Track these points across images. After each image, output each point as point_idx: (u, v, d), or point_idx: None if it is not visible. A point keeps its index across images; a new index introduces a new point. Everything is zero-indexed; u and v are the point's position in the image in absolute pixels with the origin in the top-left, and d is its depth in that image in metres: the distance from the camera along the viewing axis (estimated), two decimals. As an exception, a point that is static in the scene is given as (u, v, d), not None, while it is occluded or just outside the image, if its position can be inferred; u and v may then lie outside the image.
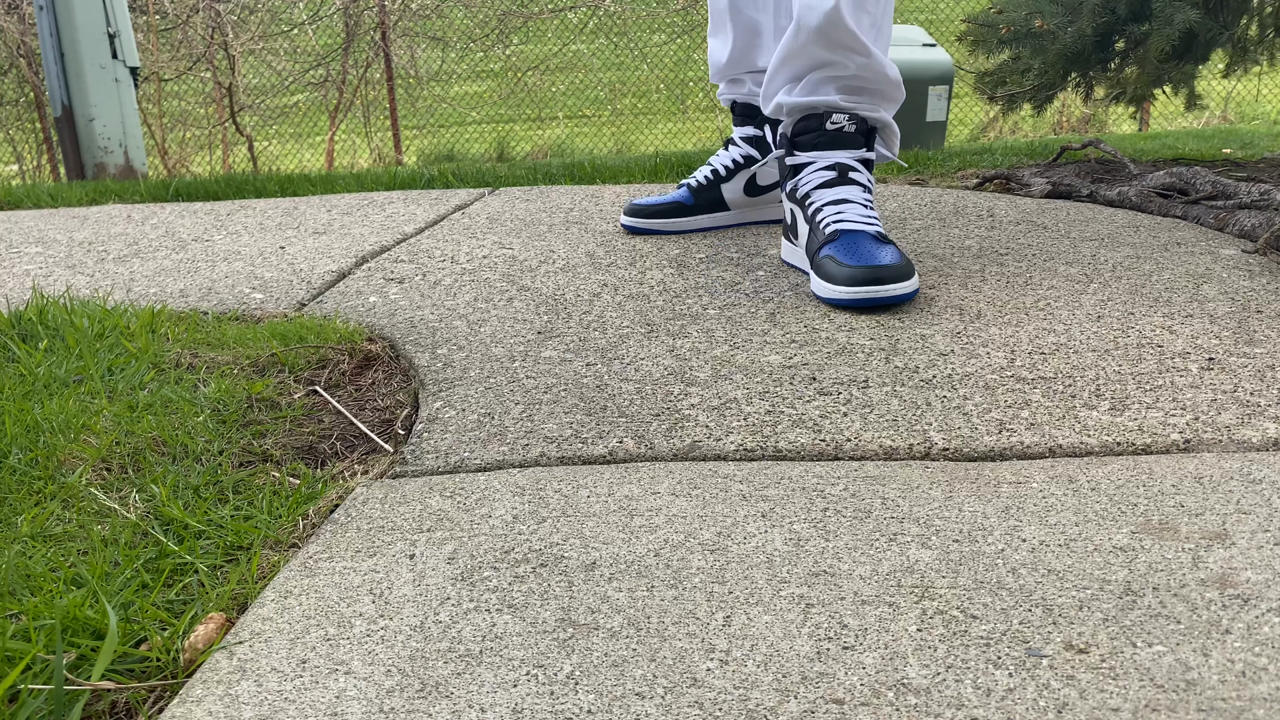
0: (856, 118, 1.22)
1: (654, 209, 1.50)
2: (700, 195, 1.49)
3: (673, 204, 1.50)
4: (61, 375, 0.99)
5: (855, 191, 1.20)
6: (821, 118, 1.21)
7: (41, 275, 1.51)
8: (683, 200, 1.49)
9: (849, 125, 1.21)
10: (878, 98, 1.23)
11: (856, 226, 1.15)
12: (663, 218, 1.50)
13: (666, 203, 1.51)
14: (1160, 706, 0.47)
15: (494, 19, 7.47)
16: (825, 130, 1.22)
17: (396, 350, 1.09)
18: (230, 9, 6.81)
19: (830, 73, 1.20)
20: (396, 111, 6.66)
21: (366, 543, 0.67)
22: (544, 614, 0.57)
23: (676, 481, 0.74)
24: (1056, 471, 0.74)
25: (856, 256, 1.10)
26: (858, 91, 1.22)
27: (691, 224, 1.50)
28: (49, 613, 0.58)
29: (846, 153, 1.22)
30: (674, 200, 1.50)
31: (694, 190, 1.50)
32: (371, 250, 1.55)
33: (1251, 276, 1.18)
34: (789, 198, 1.26)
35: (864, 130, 1.22)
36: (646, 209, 1.51)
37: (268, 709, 0.50)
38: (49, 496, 0.76)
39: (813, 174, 1.22)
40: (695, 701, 0.49)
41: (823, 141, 1.22)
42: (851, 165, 1.21)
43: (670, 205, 1.50)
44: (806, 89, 1.22)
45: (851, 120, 1.21)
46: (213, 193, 2.39)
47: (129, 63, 4.13)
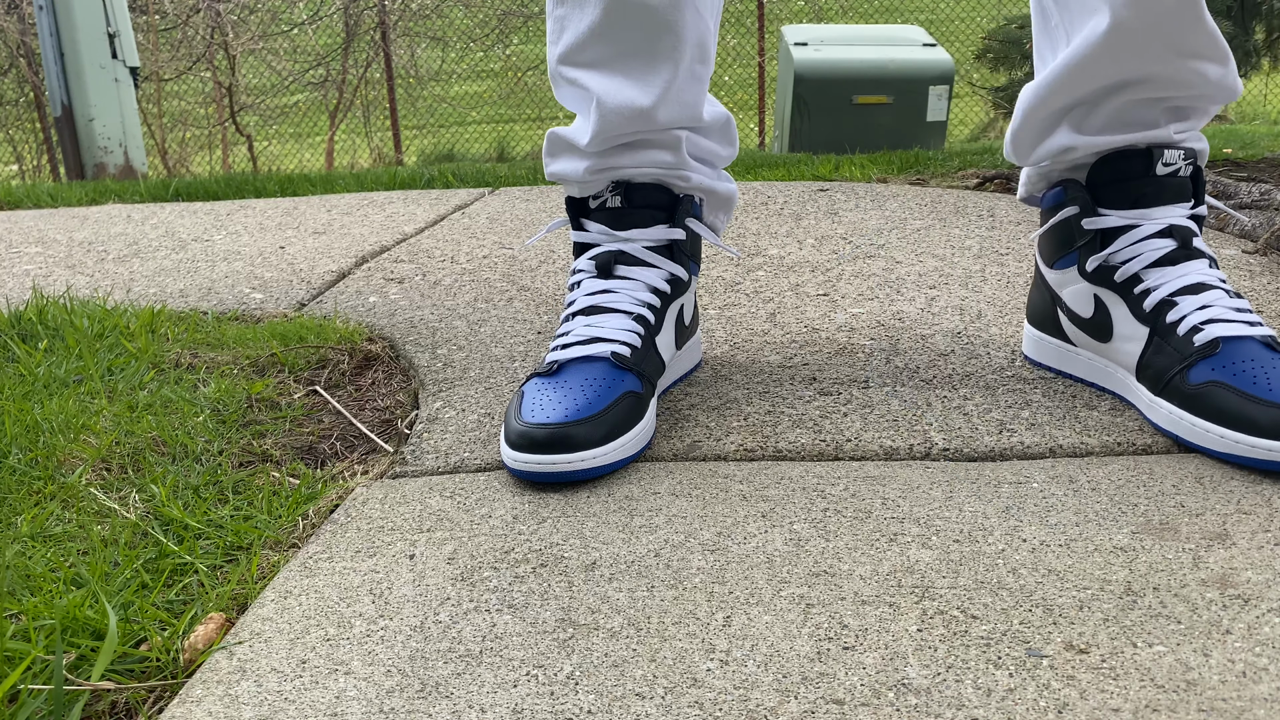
0: (1189, 155, 0.83)
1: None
2: (646, 371, 0.84)
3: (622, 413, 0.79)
4: (61, 375, 0.99)
5: (1205, 269, 0.81)
6: (1146, 158, 0.82)
7: (41, 275, 1.51)
8: (635, 392, 0.80)
9: (1184, 167, 0.83)
10: (1202, 117, 0.86)
11: (1239, 330, 0.76)
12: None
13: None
14: (1161, 706, 0.47)
15: (494, 19, 7.47)
16: (1152, 177, 0.82)
17: (396, 350, 1.09)
18: (230, 9, 6.81)
19: (1157, 93, 0.81)
20: (396, 111, 6.67)
21: (366, 543, 0.67)
22: (544, 614, 0.57)
23: (676, 481, 0.74)
24: (1057, 471, 0.74)
25: (1271, 386, 0.72)
26: (1186, 114, 0.84)
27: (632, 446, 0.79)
28: (49, 613, 0.58)
29: (1180, 209, 0.83)
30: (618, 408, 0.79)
31: (634, 367, 0.82)
32: (371, 250, 1.55)
33: (1252, 276, 1.18)
34: (1092, 278, 0.85)
35: (1196, 175, 0.84)
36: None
37: (268, 709, 0.50)
38: (49, 496, 0.76)
39: (1138, 244, 0.82)
40: (695, 701, 0.49)
41: (1148, 194, 0.82)
42: (1191, 229, 0.83)
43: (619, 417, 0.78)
44: (1114, 118, 0.83)
45: (1186, 159, 0.83)
46: (212, 193, 2.39)
47: (129, 62, 4.13)
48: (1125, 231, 0.83)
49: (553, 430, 0.74)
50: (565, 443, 0.73)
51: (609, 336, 0.83)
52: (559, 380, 0.79)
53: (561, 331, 0.86)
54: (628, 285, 0.87)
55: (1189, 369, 0.76)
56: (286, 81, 7.19)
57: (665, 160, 0.88)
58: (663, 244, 0.89)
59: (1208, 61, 0.79)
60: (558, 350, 0.83)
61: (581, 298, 0.87)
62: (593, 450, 0.74)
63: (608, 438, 0.75)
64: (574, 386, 0.78)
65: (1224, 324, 0.76)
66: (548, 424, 0.74)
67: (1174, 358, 0.78)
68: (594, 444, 0.74)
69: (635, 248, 0.88)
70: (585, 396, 0.77)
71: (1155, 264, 0.81)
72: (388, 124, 6.76)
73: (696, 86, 0.88)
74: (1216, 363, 0.75)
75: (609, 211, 0.88)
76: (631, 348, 0.83)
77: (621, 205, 0.88)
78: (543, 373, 0.81)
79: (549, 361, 0.82)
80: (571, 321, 0.86)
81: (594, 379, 0.79)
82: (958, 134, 5.96)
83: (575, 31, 0.86)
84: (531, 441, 0.74)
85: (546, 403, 0.77)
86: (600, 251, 0.88)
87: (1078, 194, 0.85)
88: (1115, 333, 0.84)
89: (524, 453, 0.74)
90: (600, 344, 0.82)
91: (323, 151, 7.03)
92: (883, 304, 1.14)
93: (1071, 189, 0.86)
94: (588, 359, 0.81)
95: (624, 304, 0.86)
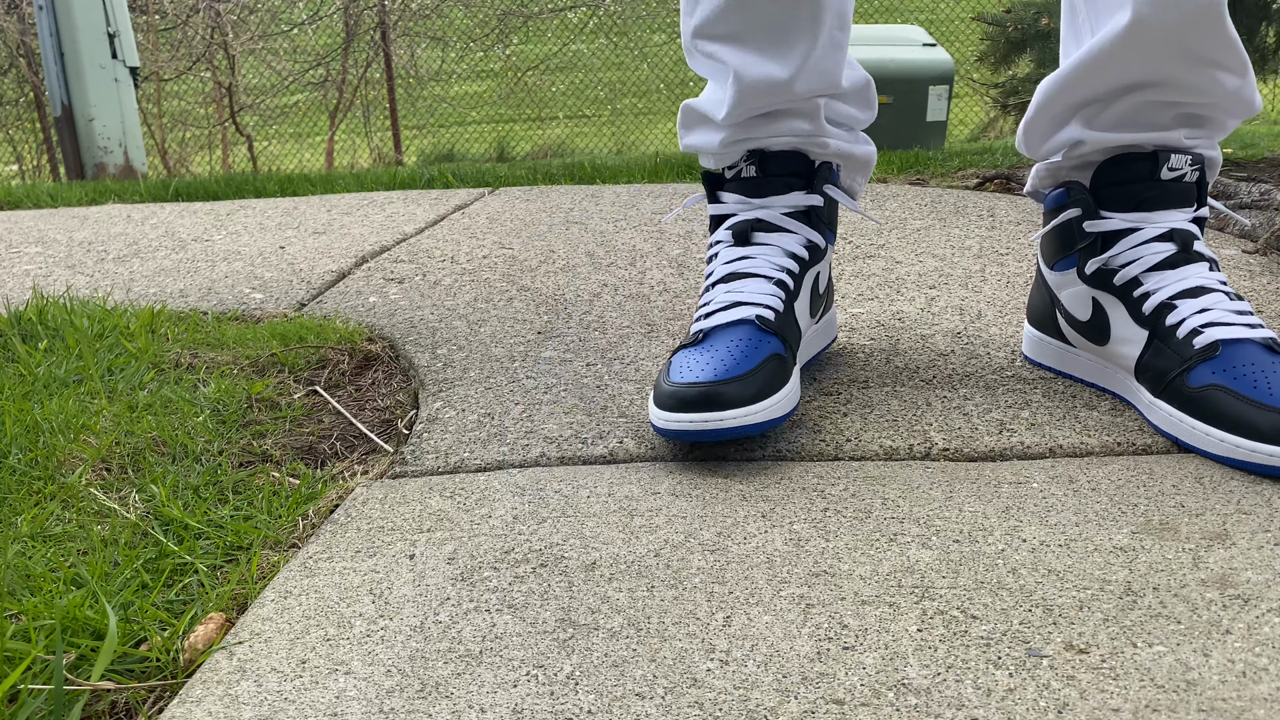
0: (1197, 160, 0.83)
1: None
2: (788, 336, 0.83)
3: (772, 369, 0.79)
4: (61, 375, 0.99)
5: (1205, 272, 0.81)
6: (1151, 161, 0.82)
7: (41, 275, 1.51)
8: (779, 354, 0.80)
9: (1190, 172, 0.83)
10: (1218, 129, 0.85)
11: (1239, 333, 0.76)
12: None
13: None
14: (1161, 707, 0.47)
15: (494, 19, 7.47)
16: (1157, 180, 0.82)
17: (396, 350, 1.09)
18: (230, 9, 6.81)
19: (1171, 96, 0.81)
20: (396, 111, 6.66)
21: (366, 543, 0.67)
22: (544, 614, 0.57)
23: (676, 482, 0.74)
24: (1057, 471, 0.74)
25: (1271, 389, 0.72)
26: (1200, 122, 0.84)
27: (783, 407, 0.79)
28: (49, 613, 0.58)
29: (1182, 213, 0.83)
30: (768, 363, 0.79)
31: (778, 331, 0.81)
32: (371, 250, 1.55)
33: (1252, 276, 1.18)
34: (1091, 281, 0.86)
35: (1201, 179, 0.84)
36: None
37: (267, 709, 0.50)
38: (49, 497, 0.76)
39: (1138, 248, 0.82)
40: (695, 702, 0.49)
41: (1151, 198, 0.82)
42: (1192, 232, 0.83)
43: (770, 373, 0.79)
44: (1125, 117, 0.83)
45: (1194, 164, 0.83)
46: (212, 193, 2.39)
47: (129, 62, 4.13)
48: (1126, 235, 0.83)
49: (704, 389, 0.74)
50: (717, 400, 0.73)
51: (751, 300, 0.83)
52: (705, 345, 0.79)
53: (703, 302, 0.85)
54: (766, 251, 0.86)
55: (1189, 372, 0.76)
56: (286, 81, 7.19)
57: (803, 129, 0.87)
58: (800, 210, 0.88)
59: (1225, 71, 0.79)
60: (701, 320, 0.83)
61: (719, 266, 0.87)
62: (745, 408, 0.74)
63: (758, 396, 0.75)
64: (720, 349, 0.78)
65: (1224, 327, 0.76)
66: (698, 383, 0.74)
67: (1174, 360, 0.77)
68: (745, 401, 0.74)
69: (772, 214, 0.87)
70: (733, 357, 0.77)
71: (1155, 268, 0.81)
72: (388, 124, 6.75)
73: (836, 54, 0.86)
74: (1216, 366, 0.75)
75: (745, 181, 0.88)
76: (775, 311, 0.83)
77: (757, 174, 0.87)
78: (689, 343, 0.80)
79: (695, 332, 0.82)
80: (711, 291, 0.85)
81: (740, 340, 0.79)
82: (958, 134, 5.96)
83: (710, 3, 0.84)
84: (682, 401, 0.73)
85: (694, 365, 0.77)
86: (738, 220, 0.88)
87: (1080, 196, 0.85)
88: (1113, 335, 0.84)
89: (674, 412, 0.74)
90: (743, 308, 0.82)
91: (323, 151, 7.03)
92: (883, 304, 1.14)
93: (1074, 190, 0.85)
94: (733, 324, 0.81)
95: (763, 269, 0.85)
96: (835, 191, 0.90)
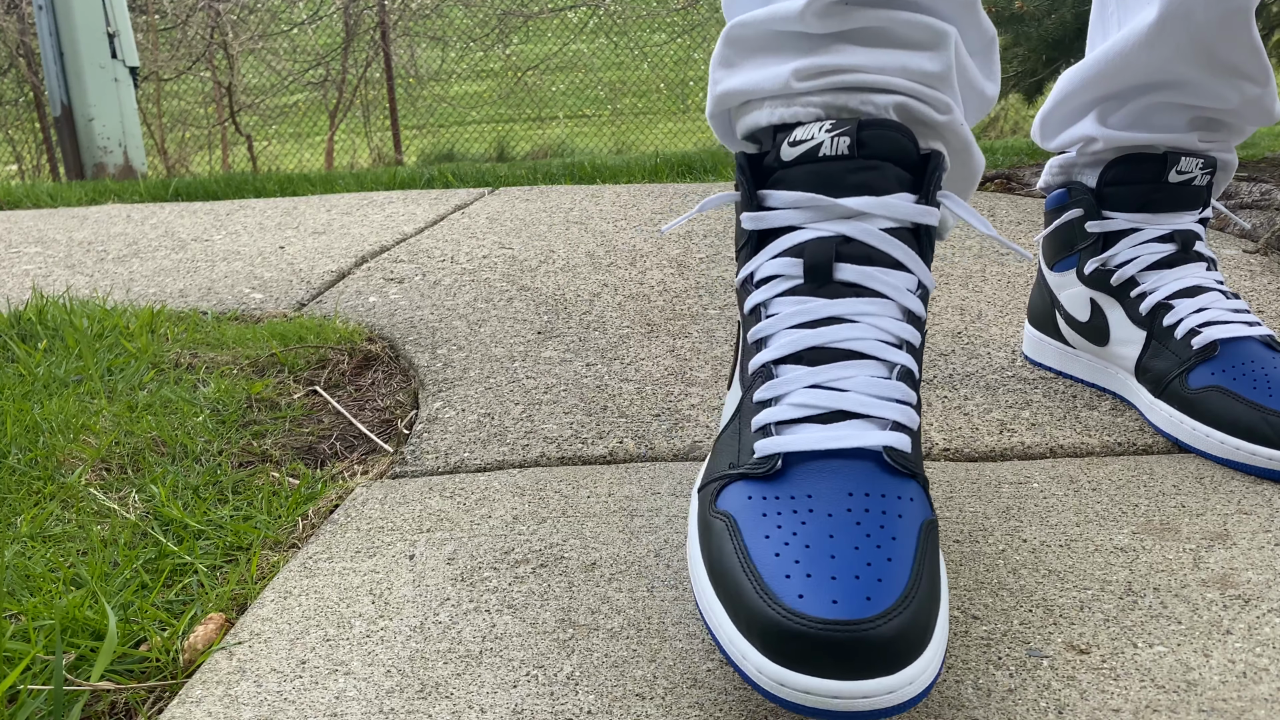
0: (1209, 163, 0.81)
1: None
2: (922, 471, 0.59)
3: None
4: (61, 375, 0.99)
5: (1202, 271, 0.80)
6: (1160, 163, 0.80)
7: (41, 275, 1.51)
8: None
9: (1200, 176, 0.80)
10: (1235, 134, 0.82)
11: (1237, 331, 0.75)
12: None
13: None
14: (1161, 707, 0.47)
15: (494, 18, 7.47)
16: (1164, 183, 0.80)
17: (396, 350, 1.09)
18: (230, 8, 6.81)
19: (1189, 100, 0.79)
20: (396, 111, 6.66)
21: (366, 543, 0.67)
22: (544, 614, 0.57)
23: (677, 482, 0.74)
24: (1057, 472, 0.74)
25: (1271, 389, 0.70)
26: (1216, 126, 0.82)
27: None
28: (48, 613, 0.58)
29: (1187, 215, 0.82)
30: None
31: (916, 468, 0.53)
32: (371, 250, 1.55)
33: (1253, 276, 1.18)
34: (1090, 282, 0.85)
35: (1209, 182, 0.82)
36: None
37: (267, 709, 0.50)
38: (48, 497, 0.75)
39: (1138, 247, 0.81)
40: (696, 702, 0.49)
41: (1157, 200, 0.81)
42: (1195, 233, 0.81)
43: None
44: (1140, 117, 0.81)
45: (1204, 168, 0.80)
46: (212, 192, 2.39)
47: (128, 62, 4.13)
48: (1126, 235, 0.82)
49: (856, 631, 0.40)
50: (882, 655, 0.40)
51: (863, 410, 0.49)
52: (801, 498, 0.46)
53: (767, 394, 0.50)
54: (868, 306, 0.51)
55: (1188, 372, 0.76)
56: (286, 81, 7.19)
57: (925, 68, 0.53)
58: (907, 229, 0.54)
59: (1246, 79, 0.77)
60: (766, 432, 0.49)
61: (786, 331, 0.51)
62: (923, 659, 0.42)
63: (927, 630, 0.43)
64: (845, 523, 0.44)
65: (1222, 325, 0.76)
66: (844, 623, 0.40)
67: (1173, 361, 0.77)
68: (921, 646, 0.42)
69: (870, 231, 0.52)
70: (876, 547, 0.44)
71: (1152, 267, 0.81)
72: (387, 124, 6.75)
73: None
74: (1216, 366, 0.74)
75: (823, 166, 0.52)
76: (910, 434, 0.50)
77: (849, 153, 0.51)
78: (756, 475, 0.48)
79: (761, 455, 0.49)
80: (780, 375, 0.51)
81: (870, 501, 0.45)
82: (957, 134, 5.95)
83: None
84: (819, 650, 0.40)
85: (816, 560, 0.43)
86: (812, 239, 0.52)
87: (1081, 196, 0.84)
88: (1112, 337, 0.84)
89: (803, 672, 0.40)
90: (854, 424, 0.48)
91: (322, 151, 7.03)
92: (883, 304, 1.14)
93: (1075, 191, 0.85)
94: (841, 456, 0.47)
95: (869, 341, 0.50)
96: (956, 202, 0.56)
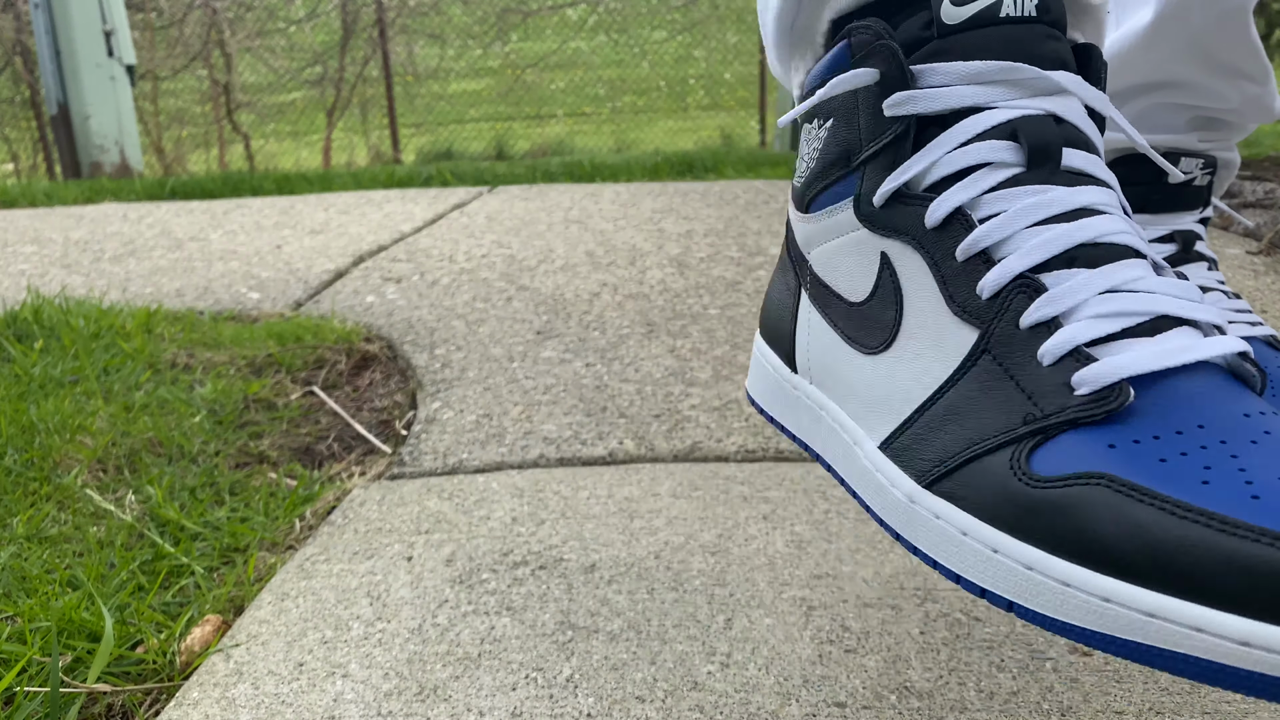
0: (1209, 163, 0.79)
1: None
2: None
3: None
4: (57, 375, 0.98)
5: (1204, 271, 0.79)
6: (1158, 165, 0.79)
7: (37, 275, 1.50)
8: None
9: (1200, 176, 0.79)
10: (1236, 131, 0.81)
11: (1239, 331, 0.73)
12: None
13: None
14: (1165, 710, 0.47)
15: (493, 16, 7.46)
16: (1163, 184, 0.80)
17: (394, 350, 1.08)
18: (227, 6, 6.80)
19: (1188, 100, 0.77)
20: (394, 109, 6.65)
21: (364, 544, 0.67)
22: (543, 616, 0.57)
23: (677, 483, 0.74)
24: (1058, 472, 0.73)
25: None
26: (1216, 126, 0.80)
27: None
28: (45, 615, 0.58)
29: (1188, 215, 0.80)
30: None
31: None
32: (369, 249, 1.54)
33: (1256, 276, 1.18)
34: None
35: (1209, 182, 0.80)
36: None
37: (264, 712, 0.50)
38: (44, 498, 0.75)
39: None
40: (696, 705, 0.49)
41: (1156, 200, 0.80)
42: (1195, 233, 0.79)
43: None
44: (1139, 118, 0.80)
45: (1204, 168, 0.79)
46: (209, 191, 2.39)
47: (125, 60, 4.12)
48: None
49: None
50: None
51: (1185, 314, 0.40)
52: (1191, 429, 0.36)
53: (1050, 311, 0.39)
54: (1106, 197, 0.44)
55: None
56: (283, 79, 7.18)
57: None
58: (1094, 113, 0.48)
59: (1245, 78, 0.76)
60: (1106, 347, 0.38)
61: (1032, 230, 0.41)
62: None
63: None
64: (1261, 437, 0.37)
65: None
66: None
67: None
68: None
69: (1079, 112, 0.44)
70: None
71: None
72: (385, 122, 6.74)
73: None
74: None
75: (1009, 29, 0.42)
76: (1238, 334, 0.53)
77: (1036, 14, 0.43)
78: (1097, 418, 0.37)
79: (1096, 388, 0.37)
80: (1057, 285, 0.40)
81: (1263, 419, 0.38)
82: (956, 132, 5.95)
83: None
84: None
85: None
86: (1022, 117, 0.42)
87: None
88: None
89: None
90: (1180, 331, 0.40)
91: (320, 150, 7.02)
92: (882, 303, 1.14)
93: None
94: (1198, 369, 0.39)
95: (1134, 238, 0.44)
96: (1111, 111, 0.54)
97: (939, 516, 0.39)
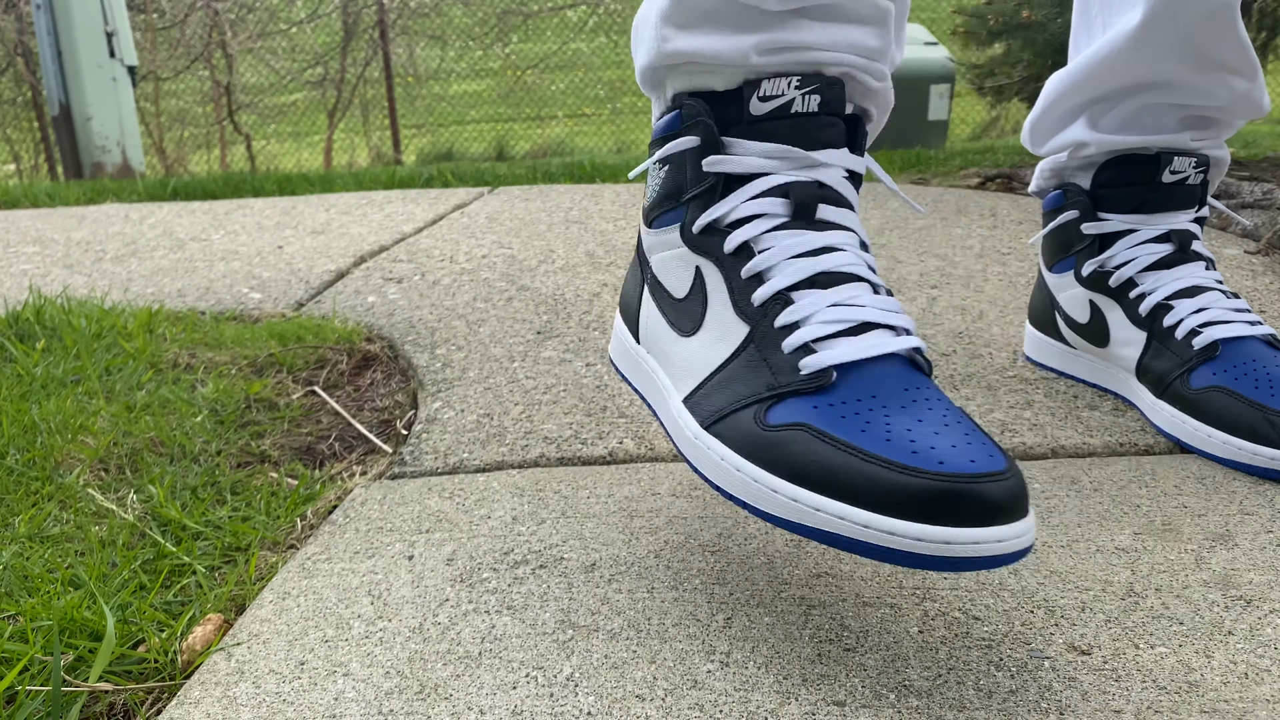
0: (1202, 162, 0.81)
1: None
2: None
3: None
4: (59, 375, 0.98)
5: (1201, 271, 0.80)
6: (1154, 164, 0.80)
7: (39, 275, 1.51)
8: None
9: (1194, 175, 0.80)
10: (1226, 129, 0.82)
11: (1239, 331, 0.76)
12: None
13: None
14: (1163, 708, 0.47)
15: (493, 17, 7.47)
16: (1158, 184, 0.80)
17: (395, 350, 1.08)
18: (228, 7, 6.81)
19: (1179, 99, 0.79)
20: (395, 110, 6.66)
21: (365, 544, 0.67)
22: (544, 615, 0.57)
23: (677, 482, 0.74)
24: (1059, 472, 0.74)
25: (1273, 389, 0.71)
26: (1206, 124, 0.82)
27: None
28: (46, 614, 0.58)
29: (1183, 215, 0.81)
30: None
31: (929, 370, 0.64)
32: (370, 250, 1.54)
33: (1255, 276, 1.18)
34: (1088, 284, 0.85)
35: (1203, 180, 0.81)
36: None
37: (266, 711, 0.50)
38: (46, 497, 0.75)
39: (1135, 248, 0.81)
40: (696, 703, 0.49)
41: (1152, 200, 0.81)
42: (1192, 232, 0.81)
43: None
44: (1131, 119, 0.81)
45: (1197, 167, 0.80)
46: (210, 192, 2.39)
47: (127, 61, 4.12)
48: (1123, 236, 0.82)
49: (1002, 478, 0.46)
50: (1019, 500, 0.47)
51: (882, 321, 0.54)
52: (867, 399, 0.51)
53: (792, 318, 0.54)
54: (845, 239, 0.56)
55: (1190, 373, 0.76)
56: (284, 80, 7.18)
57: (870, 44, 0.58)
58: (853, 176, 0.60)
59: (1235, 75, 0.77)
60: (815, 349, 0.53)
61: (789, 261, 0.55)
62: (1030, 513, 0.48)
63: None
64: (923, 409, 0.50)
65: (1223, 325, 0.76)
66: (993, 474, 0.46)
67: (1174, 361, 0.77)
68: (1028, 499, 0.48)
69: (835, 177, 0.57)
70: (959, 422, 0.50)
71: (1151, 267, 0.81)
72: (386, 123, 6.75)
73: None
74: (1218, 366, 0.74)
75: (795, 121, 0.56)
76: (919, 337, 0.62)
77: (818, 110, 0.56)
78: (809, 389, 0.52)
79: (811, 371, 0.52)
80: (800, 300, 0.54)
81: (923, 394, 0.52)
82: (959, 133, 5.96)
83: None
84: (990, 508, 0.45)
85: (929, 436, 0.48)
86: (794, 182, 0.56)
87: (1077, 198, 0.84)
88: (1112, 338, 0.83)
89: (967, 525, 0.45)
90: (876, 333, 0.53)
91: (321, 151, 7.03)
92: (883, 303, 1.14)
93: (1071, 193, 0.85)
94: (876, 361, 0.53)
95: (860, 268, 0.56)
96: (870, 161, 0.62)
97: (709, 449, 0.54)
